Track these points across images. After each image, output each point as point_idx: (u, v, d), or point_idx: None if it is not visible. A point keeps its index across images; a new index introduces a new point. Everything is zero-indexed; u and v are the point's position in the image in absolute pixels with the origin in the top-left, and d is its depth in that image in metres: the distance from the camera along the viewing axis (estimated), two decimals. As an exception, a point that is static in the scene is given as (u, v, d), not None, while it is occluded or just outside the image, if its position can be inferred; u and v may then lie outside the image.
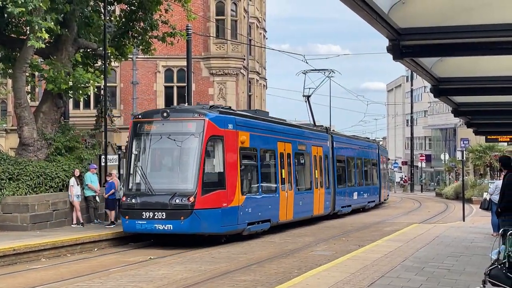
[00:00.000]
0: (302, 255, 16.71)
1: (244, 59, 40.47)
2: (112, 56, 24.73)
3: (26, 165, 20.41)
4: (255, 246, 18.82)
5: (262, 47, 49.61)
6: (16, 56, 22.01)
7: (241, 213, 19.79)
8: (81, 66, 22.60)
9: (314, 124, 33.71)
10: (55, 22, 19.79)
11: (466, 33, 8.43)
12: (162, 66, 38.70)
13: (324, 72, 35.79)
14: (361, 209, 35.93)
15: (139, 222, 18.34)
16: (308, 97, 34.43)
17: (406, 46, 8.85)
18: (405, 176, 79.88)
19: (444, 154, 63.97)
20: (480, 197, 31.19)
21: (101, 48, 23.26)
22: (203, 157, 18.55)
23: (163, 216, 18.12)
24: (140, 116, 20.07)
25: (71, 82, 21.57)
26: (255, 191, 21.30)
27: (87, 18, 23.31)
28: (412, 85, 74.15)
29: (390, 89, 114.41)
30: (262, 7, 51.21)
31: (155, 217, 18.17)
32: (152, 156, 19.59)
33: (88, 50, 24.32)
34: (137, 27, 24.94)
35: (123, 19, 25.06)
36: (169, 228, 18.17)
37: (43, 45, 19.41)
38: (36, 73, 24.64)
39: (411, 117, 74.14)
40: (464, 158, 30.16)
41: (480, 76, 12.33)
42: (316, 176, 27.75)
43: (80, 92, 22.61)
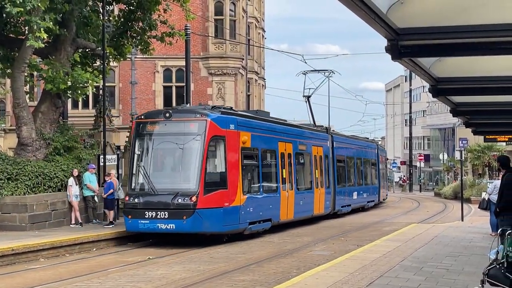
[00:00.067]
0: (301, 255, 16.71)
1: (243, 59, 40.46)
2: (111, 56, 24.73)
3: (25, 165, 20.41)
4: (254, 246, 18.82)
5: (261, 47, 49.61)
6: (15, 56, 21.98)
7: (243, 213, 19.87)
8: (80, 66, 22.62)
9: (314, 124, 33.76)
10: (54, 22, 19.79)
11: (465, 33, 8.43)
12: (161, 66, 38.67)
13: (324, 73, 35.84)
14: (361, 209, 35.98)
15: (142, 222, 18.44)
16: (308, 98, 34.46)
17: (405, 46, 8.84)
18: (404, 176, 79.95)
19: (443, 154, 64.02)
20: (479, 197, 31.22)
21: (100, 48, 23.25)
22: (205, 157, 18.64)
23: (166, 216, 18.22)
24: (143, 117, 20.18)
25: (70, 82, 21.57)
26: (256, 191, 21.38)
27: (86, 18, 23.29)
28: (411, 85, 74.17)
29: (389, 89, 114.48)
30: (261, 7, 51.21)
31: (158, 217, 18.26)
32: (155, 156, 19.68)
33: (87, 50, 24.32)
34: (136, 27, 24.94)
35: (122, 19, 25.05)
36: (172, 228, 18.27)
37: (42, 45, 19.43)
38: (35, 73, 24.63)
39: (410, 117, 74.16)
40: (463, 158, 30.16)
41: (479, 76, 12.33)
42: (317, 176, 27.82)
43: (79, 92, 22.58)
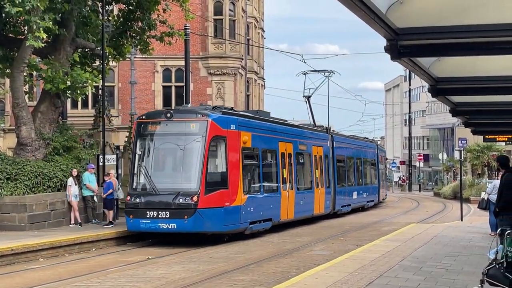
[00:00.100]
0: (301, 255, 16.72)
1: (242, 59, 40.45)
2: (110, 56, 24.71)
3: (24, 165, 20.39)
4: (254, 246, 18.82)
5: (260, 47, 49.61)
6: (14, 56, 21.96)
7: (243, 212, 19.92)
8: (79, 66, 22.59)
9: (314, 124, 33.81)
10: (53, 22, 19.76)
11: (464, 33, 8.44)
12: (160, 66, 38.66)
13: (324, 73, 35.85)
14: (360, 209, 36.00)
15: (143, 221, 18.51)
16: (309, 98, 34.48)
17: (404, 46, 8.85)
18: (403, 176, 79.97)
19: (442, 154, 64.02)
20: (478, 197, 31.23)
21: (99, 48, 23.24)
22: (206, 157, 18.71)
23: (167, 215, 18.29)
24: (144, 117, 20.26)
25: (69, 82, 21.56)
26: (257, 191, 21.43)
27: (85, 18, 23.28)
28: (410, 85, 74.14)
29: (388, 89, 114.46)
30: (260, 7, 51.21)
31: (159, 216, 18.33)
32: (156, 156, 19.75)
33: (86, 50, 24.30)
34: (135, 27, 24.92)
35: (121, 19, 25.03)
36: (173, 227, 18.34)
37: (42, 45, 19.40)
38: (34, 73, 24.59)
39: (409, 117, 74.15)
40: (462, 158, 30.17)
41: (478, 76, 12.33)
42: (317, 176, 27.87)
43: (78, 92, 22.57)
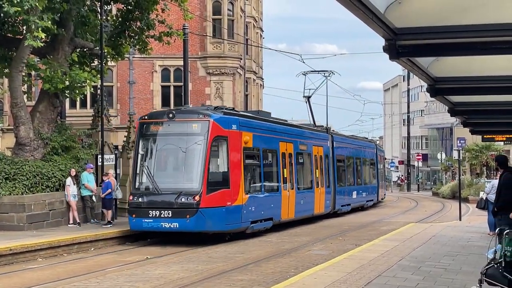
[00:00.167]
0: (299, 255, 16.72)
1: (241, 59, 40.45)
2: (109, 56, 24.71)
3: (23, 165, 20.38)
4: (252, 246, 18.83)
5: (259, 47, 49.61)
6: (13, 56, 21.95)
7: (245, 212, 20.02)
8: (78, 66, 22.59)
9: (315, 124, 33.90)
10: (52, 22, 19.76)
11: (462, 33, 8.43)
12: (159, 66, 38.65)
13: (324, 73, 35.87)
14: (360, 208, 36.05)
15: (146, 221, 18.61)
16: (309, 98, 34.51)
17: (403, 46, 8.84)
18: (402, 176, 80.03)
19: (441, 154, 64.10)
20: (477, 197, 31.29)
21: (98, 48, 23.24)
22: (208, 157, 18.81)
23: (169, 215, 18.42)
24: (147, 117, 20.37)
25: (68, 82, 21.56)
26: (258, 190, 21.55)
27: (84, 18, 23.27)
28: (409, 85, 74.20)
29: (387, 89, 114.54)
30: (259, 7, 51.20)
31: (162, 216, 18.45)
32: (158, 156, 19.86)
33: (85, 50, 24.29)
34: (134, 27, 24.92)
35: (120, 19, 25.03)
36: (175, 226, 18.44)
37: (40, 44, 19.42)
38: (33, 73, 24.61)
39: (408, 117, 74.23)
40: (461, 158, 30.18)
41: (476, 76, 12.33)
42: (317, 176, 27.99)
43: (77, 92, 22.58)
